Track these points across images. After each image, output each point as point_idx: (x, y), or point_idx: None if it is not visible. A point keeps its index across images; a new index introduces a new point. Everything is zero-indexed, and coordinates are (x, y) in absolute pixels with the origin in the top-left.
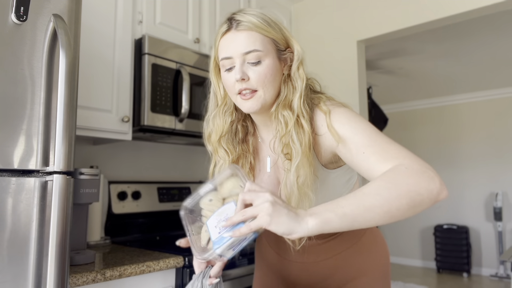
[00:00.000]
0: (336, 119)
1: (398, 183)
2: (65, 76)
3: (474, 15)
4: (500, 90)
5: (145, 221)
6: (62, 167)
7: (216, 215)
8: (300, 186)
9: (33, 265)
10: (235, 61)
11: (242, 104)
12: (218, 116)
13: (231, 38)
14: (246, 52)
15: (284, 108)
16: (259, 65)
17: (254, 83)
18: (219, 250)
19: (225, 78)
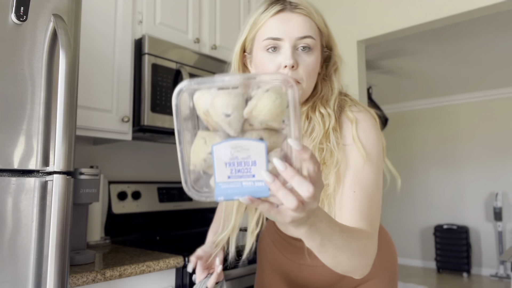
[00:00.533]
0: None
1: (361, 252)
2: (65, 76)
3: (474, 15)
4: (500, 90)
5: (145, 221)
6: (62, 167)
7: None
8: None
9: (33, 265)
10: (284, 44)
11: None
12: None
13: (286, 19)
14: (302, 36)
15: (323, 106)
16: (310, 54)
17: (302, 73)
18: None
19: (266, 59)
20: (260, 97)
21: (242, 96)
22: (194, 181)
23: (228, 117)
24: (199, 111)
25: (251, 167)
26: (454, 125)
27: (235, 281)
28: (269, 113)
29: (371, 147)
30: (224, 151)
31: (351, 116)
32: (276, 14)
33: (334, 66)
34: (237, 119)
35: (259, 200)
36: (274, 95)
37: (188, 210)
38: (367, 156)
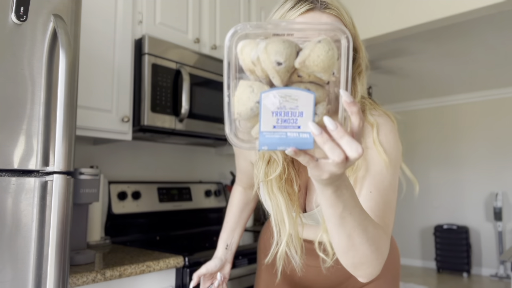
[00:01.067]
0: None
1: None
2: (65, 76)
3: (474, 15)
4: (500, 90)
5: (145, 221)
6: (62, 167)
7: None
8: None
9: (33, 265)
10: None
11: None
12: None
13: (316, 18)
14: None
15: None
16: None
17: None
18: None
19: None
20: (313, 48)
21: (295, 46)
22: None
23: (279, 66)
24: (243, 61)
25: (298, 118)
26: (454, 125)
27: (235, 281)
28: (322, 63)
29: (391, 151)
30: (273, 100)
31: (372, 120)
32: (306, 12)
33: (359, 69)
34: (287, 69)
35: (302, 151)
36: (327, 46)
37: (188, 210)
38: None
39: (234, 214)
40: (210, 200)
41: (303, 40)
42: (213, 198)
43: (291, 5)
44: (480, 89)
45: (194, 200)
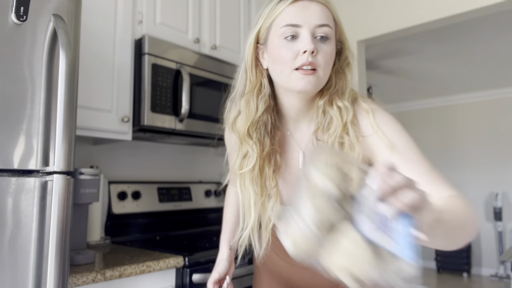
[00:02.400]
0: (382, 120)
1: (467, 222)
2: (65, 76)
3: (474, 15)
4: (500, 90)
5: (145, 221)
6: (62, 167)
7: (366, 213)
8: None
9: (33, 265)
10: (302, 32)
11: (298, 81)
12: (252, 99)
13: (305, 6)
14: (321, 24)
15: (340, 99)
16: (327, 43)
17: (320, 60)
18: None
19: (283, 46)
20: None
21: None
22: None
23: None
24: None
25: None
26: (454, 125)
27: (235, 281)
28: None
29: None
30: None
31: (366, 107)
32: (295, 1)
33: (346, 60)
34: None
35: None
36: None
37: (188, 210)
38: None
39: (232, 214)
40: (210, 200)
41: None
42: (213, 198)
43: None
44: (480, 89)
45: (194, 200)
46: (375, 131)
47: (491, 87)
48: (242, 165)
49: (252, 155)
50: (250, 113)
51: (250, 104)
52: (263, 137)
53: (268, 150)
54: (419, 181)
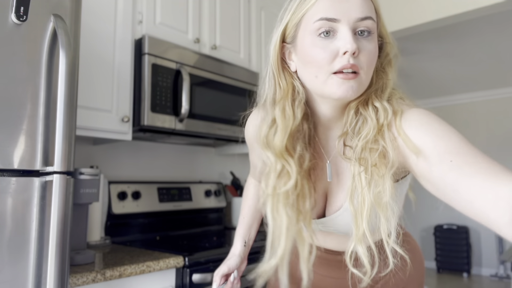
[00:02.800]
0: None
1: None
2: (65, 76)
3: (474, 15)
4: (500, 90)
5: (145, 221)
6: (62, 167)
7: None
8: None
9: (33, 265)
10: (340, 27)
11: (337, 87)
12: (288, 106)
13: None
14: (363, 17)
15: (378, 100)
16: (370, 39)
17: (364, 61)
18: None
19: (318, 45)
20: None
21: None
22: None
23: None
24: None
25: None
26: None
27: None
28: None
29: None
30: None
31: (396, 108)
32: None
33: (387, 57)
34: None
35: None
36: None
37: (188, 210)
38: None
39: (250, 208)
40: (210, 200)
41: None
42: (213, 198)
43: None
44: (480, 89)
45: (194, 200)
46: (400, 134)
47: (491, 87)
48: (276, 186)
49: (291, 173)
50: (288, 123)
51: (286, 112)
52: (303, 150)
53: (308, 165)
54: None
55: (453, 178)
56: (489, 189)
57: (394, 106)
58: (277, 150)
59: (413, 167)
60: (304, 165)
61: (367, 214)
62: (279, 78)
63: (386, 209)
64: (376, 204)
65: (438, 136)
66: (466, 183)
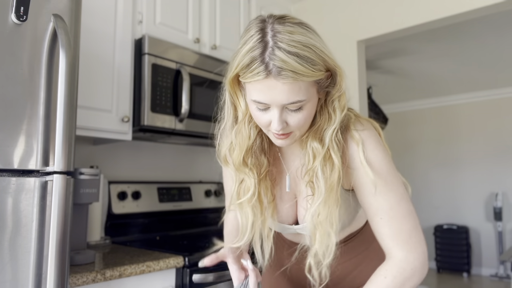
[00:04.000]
0: (370, 156)
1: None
2: (65, 76)
3: (474, 15)
4: (500, 90)
5: (145, 221)
6: (62, 167)
7: None
8: (319, 223)
9: (33, 265)
10: (271, 107)
11: (275, 140)
12: (244, 128)
13: (270, 87)
14: (288, 103)
15: (314, 139)
16: (299, 112)
17: (293, 127)
18: None
19: (258, 116)
20: None
21: None
22: None
23: None
24: None
25: None
26: (454, 125)
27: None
28: None
29: (380, 165)
30: None
31: (357, 137)
32: (259, 81)
33: (340, 93)
34: None
35: None
36: None
37: (188, 210)
38: (379, 177)
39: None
40: (210, 200)
41: None
42: (213, 198)
43: (244, 63)
44: (480, 89)
45: (194, 200)
46: (363, 166)
47: (491, 87)
48: (240, 193)
49: (250, 181)
50: (244, 142)
51: (242, 133)
52: (259, 159)
53: (265, 169)
54: (376, 221)
55: (376, 224)
56: (391, 246)
57: (355, 135)
58: (236, 165)
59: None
60: (261, 172)
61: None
62: (238, 103)
63: (321, 226)
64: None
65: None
66: (381, 232)
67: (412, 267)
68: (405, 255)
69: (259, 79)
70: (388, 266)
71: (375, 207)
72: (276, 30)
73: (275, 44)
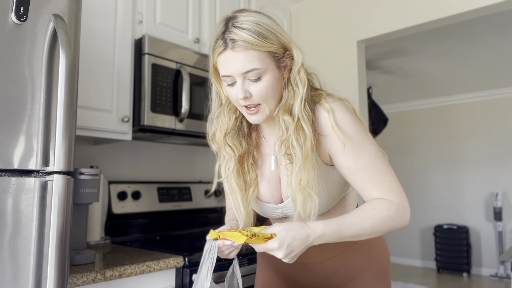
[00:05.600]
0: (340, 121)
1: (387, 221)
2: (65, 76)
3: (474, 15)
4: (500, 90)
5: (145, 221)
6: (62, 167)
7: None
8: (302, 188)
9: (33, 265)
10: (235, 78)
11: (248, 116)
12: (223, 114)
13: (228, 58)
14: (245, 71)
15: (285, 113)
16: (259, 82)
17: (256, 99)
18: None
19: (229, 92)
20: None
21: None
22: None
23: None
24: None
25: None
26: (454, 125)
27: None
28: None
29: (351, 128)
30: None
31: (327, 107)
32: (221, 54)
33: (298, 66)
34: None
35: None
36: None
37: (188, 210)
38: (351, 139)
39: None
40: (210, 200)
41: None
42: (213, 198)
43: (213, 45)
44: (480, 89)
45: (194, 200)
46: (334, 130)
47: (491, 87)
48: (225, 170)
49: (230, 157)
50: (224, 125)
51: (222, 118)
52: (239, 140)
53: (244, 149)
54: (358, 179)
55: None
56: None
57: (325, 105)
58: (219, 144)
59: (336, 165)
60: (241, 150)
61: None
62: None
63: (305, 190)
64: (304, 186)
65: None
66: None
67: (397, 208)
68: (391, 198)
69: (220, 52)
70: (377, 201)
71: (355, 167)
72: (236, 16)
73: (232, 25)
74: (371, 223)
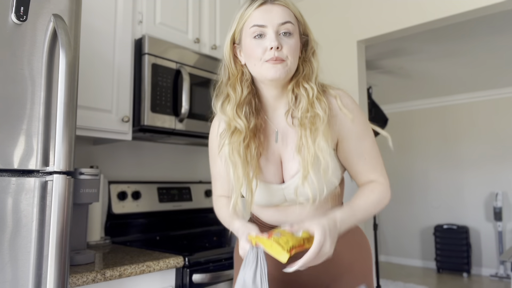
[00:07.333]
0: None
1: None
2: (65, 76)
3: (474, 15)
4: (500, 90)
5: (145, 221)
6: (62, 167)
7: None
8: (316, 152)
9: (33, 265)
10: (268, 31)
11: (269, 70)
12: (237, 84)
13: (268, 10)
14: (283, 22)
15: (306, 82)
16: (291, 37)
17: (286, 52)
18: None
19: (254, 44)
20: None
21: None
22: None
23: None
24: None
25: None
26: (454, 125)
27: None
28: None
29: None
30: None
31: (334, 93)
32: (259, 6)
33: (312, 49)
34: None
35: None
36: None
37: (188, 210)
38: (357, 123)
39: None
40: (210, 200)
41: None
42: None
43: (248, 4)
44: (480, 89)
45: (194, 200)
46: (342, 110)
47: (491, 87)
48: (231, 140)
49: (242, 129)
50: (237, 96)
51: (236, 88)
52: (249, 114)
53: (254, 123)
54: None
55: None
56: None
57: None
58: (230, 115)
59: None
60: (250, 125)
61: (311, 159)
62: (230, 67)
63: (325, 152)
64: (317, 149)
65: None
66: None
67: (387, 190)
68: (384, 181)
69: (259, 5)
70: (376, 184)
71: (361, 150)
72: None
73: None
74: (374, 206)
